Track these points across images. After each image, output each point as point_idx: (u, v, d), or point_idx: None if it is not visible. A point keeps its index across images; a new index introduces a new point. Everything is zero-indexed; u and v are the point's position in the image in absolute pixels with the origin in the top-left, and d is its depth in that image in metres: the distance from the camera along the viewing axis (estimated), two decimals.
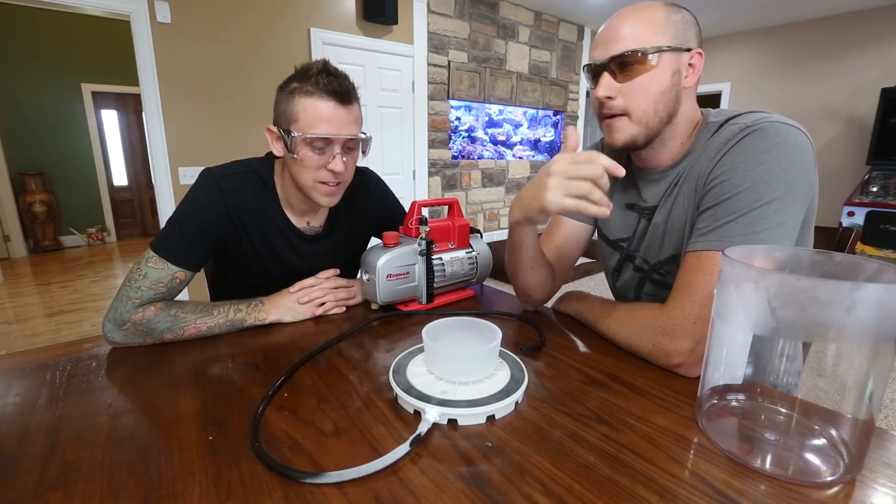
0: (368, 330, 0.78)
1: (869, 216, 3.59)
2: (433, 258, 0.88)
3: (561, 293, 0.90)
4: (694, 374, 0.59)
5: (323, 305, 0.85)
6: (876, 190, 3.77)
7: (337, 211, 0.95)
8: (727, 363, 0.46)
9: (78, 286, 3.67)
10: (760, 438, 0.46)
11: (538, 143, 4.91)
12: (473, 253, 0.96)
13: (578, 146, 0.65)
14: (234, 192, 0.83)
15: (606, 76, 0.67)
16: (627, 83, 0.66)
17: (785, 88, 4.87)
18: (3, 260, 4.42)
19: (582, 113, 5.26)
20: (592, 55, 0.70)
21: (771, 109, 0.65)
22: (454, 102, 4.02)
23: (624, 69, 0.66)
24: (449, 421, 0.50)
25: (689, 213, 0.69)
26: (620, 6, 0.80)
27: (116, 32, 4.81)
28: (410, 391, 0.52)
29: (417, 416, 0.51)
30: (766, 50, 4.98)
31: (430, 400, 0.50)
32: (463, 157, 4.20)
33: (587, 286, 3.56)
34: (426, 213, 0.89)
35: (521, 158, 4.73)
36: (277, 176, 0.88)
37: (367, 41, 3.34)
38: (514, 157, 4.67)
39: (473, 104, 4.18)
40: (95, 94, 5.03)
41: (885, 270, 0.40)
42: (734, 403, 0.51)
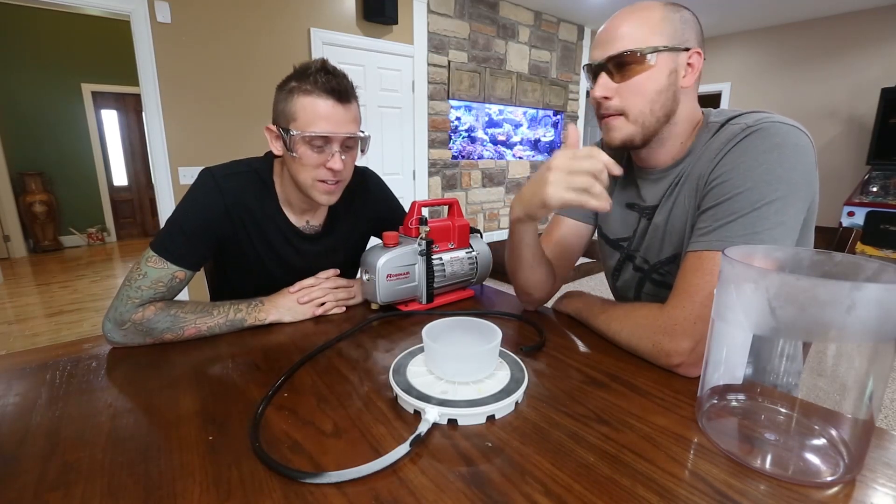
0: (368, 330, 0.78)
1: (869, 216, 3.59)
2: (433, 258, 0.88)
3: (561, 293, 0.90)
4: (694, 374, 0.59)
5: (323, 305, 0.85)
6: (876, 190, 3.77)
7: (336, 210, 0.95)
8: (727, 363, 0.46)
9: (78, 286, 3.67)
10: (760, 438, 0.46)
11: (538, 143, 4.91)
12: (473, 253, 0.96)
13: (579, 143, 0.65)
14: (233, 191, 0.83)
15: (604, 76, 0.68)
16: (624, 83, 0.67)
17: (785, 88, 4.87)
18: (3, 260, 4.42)
19: (582, 113, 5.26)
20: (591, 55, 0.71)
21: (771, 109, 0.65)
22: (454, 102, 4.02)
23: (620, 69, 0.66)
24: (449, 421, 0.50)
25: (689, 213, 0.69)
26: (620, 6, 0.80)
27: (116, 32, 4.81)
28: (410, 391, 0.52)
29: (417, 416, 0.51)
30: (766, 50, 4.98)
31: (430, 400, 0.50)
32: (463, 157, 4.20)
33: (587, 286, 3.56)
34: (426, 213, 0.89)
35: (521, 158, 4.73)
36: (277, 175, 0.88)
37: (367, 41, 3.34)
38: (514, 157, 4.67)
39: (473, 104, 4.18)
40: (95, 94, 5.03)
41: (885, 270, 0.40)
42: (734, 403, 0.51)
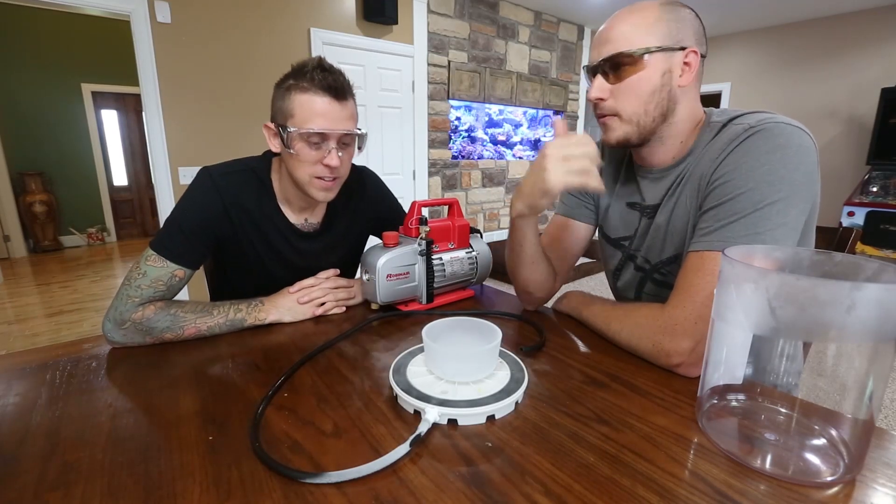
0: (368, 330, 0.78)
1: (869, 216, 3.60)
2: (433, 258, 0.88)
3: (561, 293, 0.90)
4: (694, 374, 0.59)
5: (323, 305, 0.85)
6: (876, 190, 3.77)
7: (334, 207, 0.95)
8: (727, 363, 0.46)
9: (78, 286, 3.67)
10: (760, 438, 0.46)
11: (538, 143, 4.90)
12: (473, 253, 0.96)
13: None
14: (231, 190, 0.83)
15: (599, 78, 0.69)
16: (618, 84, 0.68)
17: (785, 88, 4.87)
18: (3, 260, 4.42)
19: (582, 113, 5.26)
20: (589, 56, 0.71)
21: (771, 109, 0.65)
22: (454, 102, 4.02)
23: (615, 71, 0.67)
24: (449, 421, 0.50)
25: (691, 213, 0.69)
26: (620, 6, 0.80)
27: (116, 32, 4.81)
28: (410, 391, 0.52)
29: (417, 416, 0.51)
30: (766, 50, 4.98)
31: (430, 400, 0.50)
32: (463, 157, 4.20)
33: (587, 286, 3.56)
34: (426, 213, 0.89)
35: (521, 158, 4.73)
36: (274, 173, 0.89)
37: (367, 41, 3.33)
38: (514, 157, 4.67)
39: (473, 104, 4.18)
40: (95, 94, 5.03)
41: (885, 270, 0.40)
42: (734, 403, 0.51)
